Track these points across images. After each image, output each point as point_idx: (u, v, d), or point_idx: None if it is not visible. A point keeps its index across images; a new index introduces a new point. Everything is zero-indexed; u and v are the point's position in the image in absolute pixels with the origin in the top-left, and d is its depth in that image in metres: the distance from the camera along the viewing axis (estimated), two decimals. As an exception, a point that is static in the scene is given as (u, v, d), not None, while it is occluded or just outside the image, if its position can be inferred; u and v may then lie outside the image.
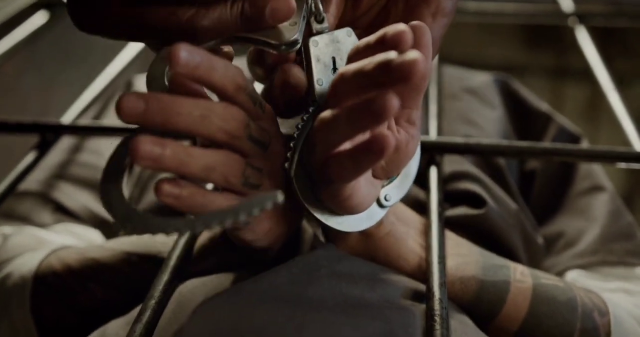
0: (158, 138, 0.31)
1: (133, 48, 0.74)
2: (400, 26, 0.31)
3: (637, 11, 0.83)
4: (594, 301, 0.46)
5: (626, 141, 0.57)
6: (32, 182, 0.62)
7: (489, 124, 0.64)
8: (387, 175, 0.39)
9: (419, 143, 0.40)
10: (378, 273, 0.42)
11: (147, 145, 0.30)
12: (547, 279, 0.46)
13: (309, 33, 0.39)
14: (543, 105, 0.71)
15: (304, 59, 0.39)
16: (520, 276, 0.45)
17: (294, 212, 0.42)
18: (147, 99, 0.31)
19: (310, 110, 0.38)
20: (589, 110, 1.94)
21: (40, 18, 0.80)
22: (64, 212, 0.60)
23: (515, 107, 0.70)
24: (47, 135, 0.58)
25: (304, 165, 0.38)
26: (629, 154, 0.53)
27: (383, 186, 0.41)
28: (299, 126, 0.38)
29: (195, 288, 0.41)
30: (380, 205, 0.41)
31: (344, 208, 0.38)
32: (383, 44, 0.31)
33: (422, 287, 0.43)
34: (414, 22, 0.34)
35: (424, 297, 0.41)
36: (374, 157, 0.31)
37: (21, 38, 0.75)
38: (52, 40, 0.95)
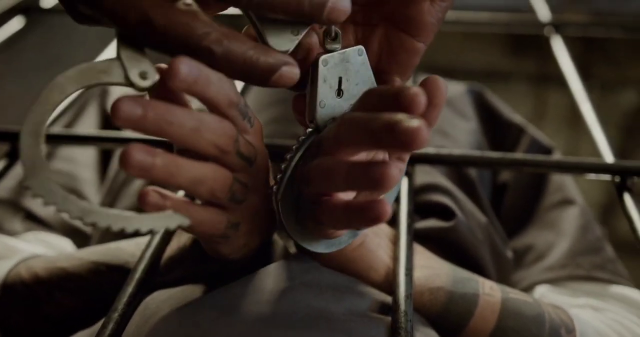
0: (150, 147, 0.31)
1: (109, 53, 0.73)
2: (416, 90, 0.30)
3: (613, 21, 0.84)
4: (561, 318, 0.46)
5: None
6: (2, 190, 0.61)
7: (462, 135, 0.64)
8: None
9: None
10: (346, 285, 0.42)
11: (140, 153, 0.30)
12: (515, 294, 0.46)
13: (321, 50, 0.38)
14: (516, 117, 0.71)
15: (310, 77, 0.38)
16: (489, 289, 0.45)
17: (269, 225, 0.42)
18: (145, 106, 0.30)
19: (308, 132, 0.38)
20: (571, 117, 1.95)
21: (16, 23, 0.80)
22: (35, 220, 0.60)
23: (488, 119, 0.70)
24: (17, 143, 0.57)
25: (293, 186, 0.38)
26: (599, 165, 0.54)
27: None
28: (294, 148, 0.38)
29: (161, 302, 0.41)
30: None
31: (325, 236, 0.39)
32: (396, 102, 0.30)
33: (389, 299, 0.43)
34: (433, 76, 0.34)
35: (391, 309, 0.41)
36: (368, 224, 0.31)
37: (-3, 43, 0.75)
38: (29, 45, 0.95)
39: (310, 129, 0.38)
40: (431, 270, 0.45)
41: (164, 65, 0.33)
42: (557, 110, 1.97)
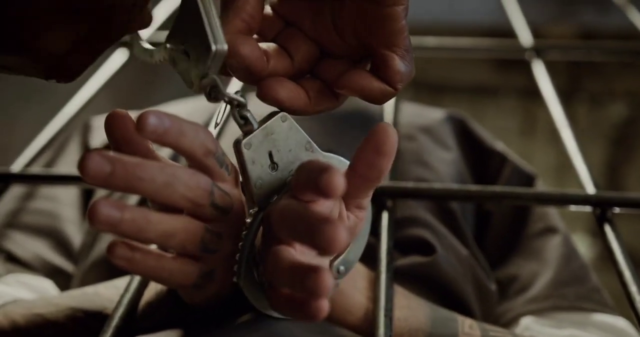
0: (117, 201, 0.31)
1: (91, 87, 0.73)
2: (331, 178, 0.29)
3: (593, 44, 0.84)
4: None
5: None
6: (-18, 232, 0.61)
7: (443, 167, 0.64)
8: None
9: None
10: (322, 330, 0.42)
11: (106, 208, 0.30)
12: (495, 332, 0.46)
13: (237, 138, 0.37)
14: (498, 145, 0.71)
15: (238, 163, 0.38)
16: (469, 329, 0.45)
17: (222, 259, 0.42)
18: (114, 162, 0.30)
19: (252, 213, 0.38)
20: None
21: None
22: (16, 262, 0.59)
23: (470, 148, 0.70)
24: (-3, 184, 0.57)
25: (250, 262, 0.38)
26: (579, 196, 0.53)
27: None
28: (244, 234, 0.38)
29: (137, 350, 0.40)
30: (334, 277, 0.40)
31: None
32: (317, 185, 0.30)
33: (368, 342, 0.42)
34: (382, 125, 0.34)
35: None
36: (305, 320, 0.31)
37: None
38: (14, 77, 0.95)
39: (253, 210, 0.38)
40: (410, 311, 0.45)
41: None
42: (546, 124, 1.98)
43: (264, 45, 0.38)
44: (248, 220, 0.38)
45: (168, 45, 0.37)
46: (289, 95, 0.37)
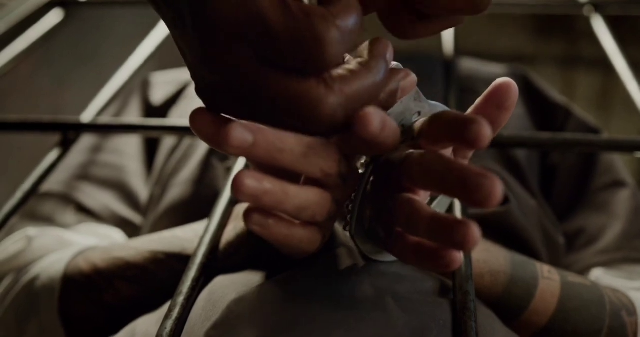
0: (259, 173, 0.32)
1: (149, 45, 0.73)
2: (481, 125, 0.29)
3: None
4: (622, 300, 0.46)
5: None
6: (53, 183, 0.62)
7: (510, 121, 0.64)
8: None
9: None
10: (405, 268, 0.42)
11: (250, 180, 0.31)
12: (573, 277, 0.46)
13: None
14: (562, 98, 0.70)
15: None
16: (548, 273, 0.45)
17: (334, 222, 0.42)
18: (255, 133, 0.31)
19: (363, 163, 0.38)
20: (600, 99, 1.93)
21: (54, 16, 0.80)
22: (86, 213, 0.61)
23: (535, 102, 0.70)
24: (68, 133, 0.58)
25: (362, 213, 0.38)
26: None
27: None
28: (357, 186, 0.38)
29: (225, 287, 0.41)
30: None
31: None
32: (461, 134, 0.30)
33: (448, 281, 0.43)
34: (507, 81, 0.34)
35: (451, 291, 0.41)
36: (439, 269, 0.32)
37: (36, 37, 0.75)
38: (65, 38, 0.96)
39: (365, 161, 0.38)
40: (489, 253, 0.45)
41: None
42: (586, 93, 1.95)
43: None
44: (361, 171, 0.38)
45: None
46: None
